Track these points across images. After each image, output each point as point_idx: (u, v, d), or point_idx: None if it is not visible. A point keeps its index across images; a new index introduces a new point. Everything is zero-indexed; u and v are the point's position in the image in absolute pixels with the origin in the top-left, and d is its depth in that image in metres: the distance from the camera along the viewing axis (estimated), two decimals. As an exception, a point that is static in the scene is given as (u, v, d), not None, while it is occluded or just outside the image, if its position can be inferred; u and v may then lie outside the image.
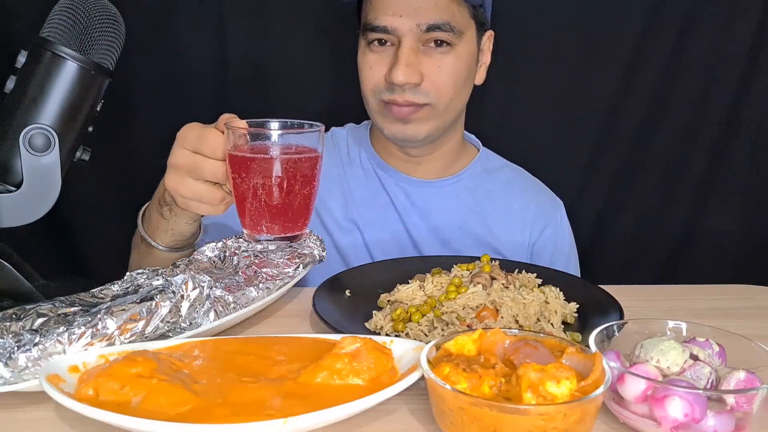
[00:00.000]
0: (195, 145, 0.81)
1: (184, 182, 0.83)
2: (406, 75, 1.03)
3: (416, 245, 1.20)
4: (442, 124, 1.12)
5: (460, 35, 1.06)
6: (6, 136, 0.81)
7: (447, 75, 1.06)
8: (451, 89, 1.08)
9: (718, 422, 0.57)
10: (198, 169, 0.81)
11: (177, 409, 0.57)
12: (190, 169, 0.82)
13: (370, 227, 1.20)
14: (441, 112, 1.09)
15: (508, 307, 0.81)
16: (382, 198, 1.21)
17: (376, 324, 0.83)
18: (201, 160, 0.81)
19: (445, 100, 1.08)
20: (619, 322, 0.70)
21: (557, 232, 1.23)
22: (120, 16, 0.86)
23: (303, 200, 0.79)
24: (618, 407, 0.62)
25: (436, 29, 1.03)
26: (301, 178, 0.77)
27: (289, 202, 0.78)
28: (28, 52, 0.81)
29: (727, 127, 1.57)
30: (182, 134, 0.84)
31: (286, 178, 0.76)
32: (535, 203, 1.23)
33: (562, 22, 1.51)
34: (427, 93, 1.06)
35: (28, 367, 0.63)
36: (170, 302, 0.71)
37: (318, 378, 0.63)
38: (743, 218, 1.61)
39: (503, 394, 0.57)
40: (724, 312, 0.92)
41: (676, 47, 1.52)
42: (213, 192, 0.83)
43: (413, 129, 1.09)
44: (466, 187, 1.22)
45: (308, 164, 0.78)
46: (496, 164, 1.28)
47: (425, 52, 1.05)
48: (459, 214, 1.20)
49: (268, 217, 0.78)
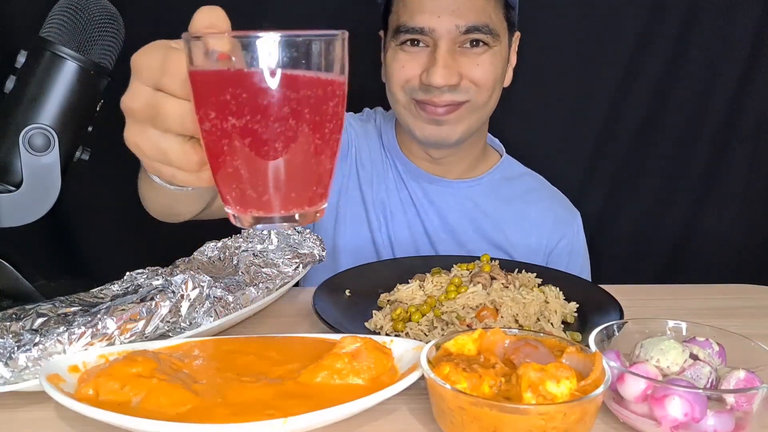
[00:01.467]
0: (156, 77, 0.54)
1: (145, 135, 0.56)
2: (445, 77, 1.02)
3: (432, 243, 1.20)
4: (475, 124, 1.11)
5: (497, 37, 1.05)
6: (6, 136, 0.81)
7: (486, 72, 1.05)
8: (491, 87, 1.07)
9: (718, 422, 0.57)
10: (159, 114, 0.54)
11: (177, 408, 0.57)
12: (150, 115, 0.55)
13: (392, 219, 1.20)
14: (478, 109, 1.08)
15: (508, 306, 0.81)
16: (402, 192, 1.21)
17: (376, 324, 0.83)
18: (164, 99, 0.54)
19: (484, 96, 1.07)
20: (619, 322, 0.69)
21: (573, 243, 1.23)
22: (119, 16, 0.86)
23: (319, 153, 0.50)
24: (618, 407, 0.62)
25: (475, 30, 1.02)
26: (316, 118, 0.48)
27: (299, 159, 0.49)
28: (27, 52, 0.82)
29: (727, 127, 1.57)
30: (139, 60, 0.56)
31: (294, 118, 0.47)
32: (553, 213, 1.22)
33: (562, 22, 1.51)
34: (467, 90, 1.05)
35: (28, 367, 0.63)
36: (170, 302, 0.71)
37: (318, 378, 0.63)
38: (743, 218, 1.61)
39: (503, 394, 0.57)
40: (724, 311, 0.92)
41: (677, 47, 1.52)
42: (185, 151, 0.55)
43: (447, 131, 1.08)
44: (484, 192, 1.21)
45: (328, 94, 0.49)
46: (517, 172, 1.27)
47: (462, 53, 1.04)
48: (475, 216, 1.20)
49: (263, 185, 0.49)
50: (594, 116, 1.59)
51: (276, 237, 0.92)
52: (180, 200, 0.82)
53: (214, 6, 0.54)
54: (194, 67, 0.48)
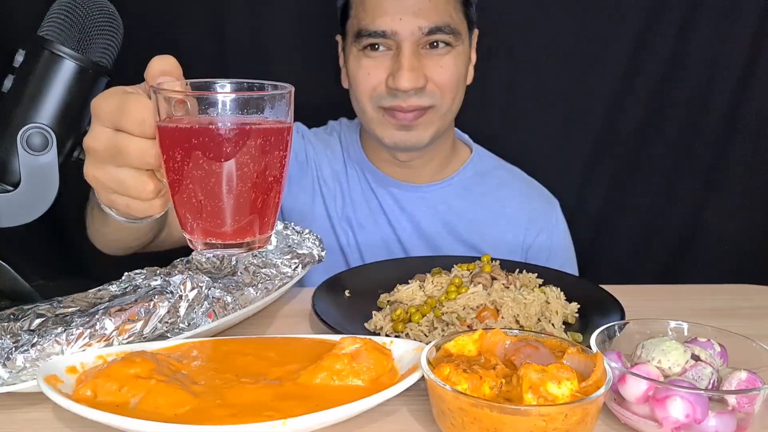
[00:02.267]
0: (115, 120, 0.60)
1: (104, 170, 0.63)
2: (412, 80, 1.02)
3: (405, 250, 1.19)
4: (442, 127, 1.11)
5: (459, 36, 1.05)
6: (4, 136, 0.81)
7: (450, 74, 1.06)
8: (454, 88, 1.08)
9: (720, 423, 0.57)
10: (121, 152, 0.60)
11: (175, 410, 0.57)
12: (111, 153, 0.61)
13: (361, 229, 1.20)
14: (444, 114, 1.09)
15: (508, 307, 0.81)
16: (372, 201, 1.20)
17: (375, 324, 0.83)
18: (124, 139, 0.60)
19: (448, 100, 1.08)
20: (620, 323, 0.69)
21: (552, 236, 1.22)
22: (118, 15, 0.85)
23: (267, 190, 0.58)
24: (619, 408, 0.61)
25: (437, 31, 1.02)
26: (265, 158, 0.57)
27: (247, 194, 0.57)
28: (26, 51, 0.81)
29: (727, 127, 1.57)
30: (97, 105, 0.62)
31: (246, 161, 0.56)
32: (528, 207, 1.21)
33: (562, 22, 1.51)
34: (432, 94, 1.05)
35: (26, 368, 0.62)
36: (168, 302, 0.71)
37: (317, 379, 0.62)
38: (744, 218, 1.61)
39: (504, 395, 0.56)
40: (725, 312, 0.91)
41: (676, 47, 1.52)
42: (142, 181, 0.61)
43: (417, 135, 1.08)
44: (456, 192, 1.20)
45: (275, 139, 0.57)
46: (489, 165, 1.26)
47: (426, 55, 1.04)
48: (448, 220, 1.19)
49: (218, 216, 0.57)
50: (594, 116, 1.58)
51: (275, 237, 0.92)
52: (130, 233, 0.85)
53: (166, 55, 0.63)
54: (160, 120, 0.57)
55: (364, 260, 1.19)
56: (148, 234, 0.90)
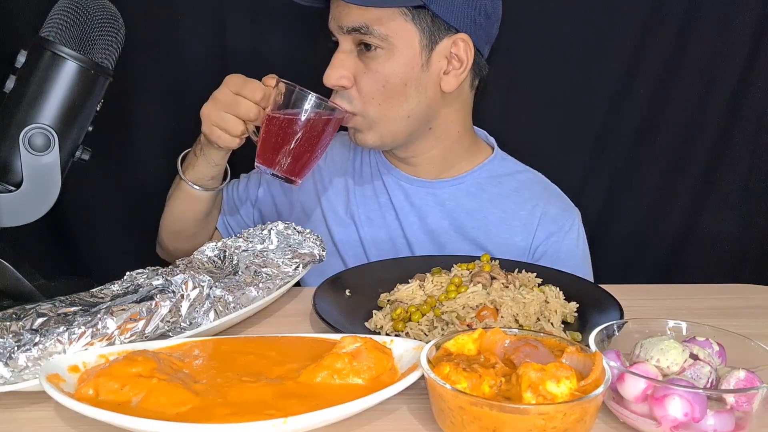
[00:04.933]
0: (238, 88, 0.98)
1: (217, 111, 0.98)
2: (332, 78, 1.02)
3: (410, 246, 1.19)
4: (387, 134, 1.07)
5: (386, 39, 1.00)
6: (6, 136, 0.81)
7: (373, 80, 1.02)
8: (378, 95, 1.03)
9: (718, 421, 0.57)
10: (235, 105, 0.97)
11: (177, 408, 0.57)
12: (228, 104, 0.98)
13: (367, 224, 1.19)
14: (374, 122, 1.05)
15: (508, 306, 0.81)
16: (382, 196, 1.20)
17: (376, 323, 0.83)
18: (240, 99, 0.97)
19: (374, 107, 1.04)
20: (619, 322, 0.70)
21: (562, 241, 1.18)
22: (120, 16, 0.86)
23: (311, 156, 0.99)
24: (618, 406, 0.62)
25: (355, 32, 1.00)
26: (317, 139, 0.98)
27: (301, 152, 0.97)
28: (27, 52, 0.82)
29: (727, 127, 1.57)
30: (229, 78, 1.00)
31: (308, 135, 0.97)
32: (540, 211, 1.17)
33: (562, 21, 1.51)
34: (351, 99, 1.03)
35: (28, 367, 0.63)
36: (170, 302, 0.71)
37: (318, 377, 0.63)
38: (743, 218, 1.61)
39: (503, 394, 0.57)
40: (724, 311, 0.92)
41: (676, 46, 1.52)
42: (237, 124, 0.98)
43: (360, 138, 1.08)
44: (468, 191, 1.19)
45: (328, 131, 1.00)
46: (509, 169, 1.22)
47: (359, 56, 1.03)
48: (456, 217, 1.18)
49: (281, 158, 0.97)
50: (593, 116, 1.58)
51: (276, 237, 0.92)
52: (195, 204, 1.15)
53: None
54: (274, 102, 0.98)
55: (367, 255, 1.19)
56: (207, 208, 1.17)
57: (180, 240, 1.22)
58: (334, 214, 1.20)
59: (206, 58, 1.50)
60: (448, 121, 1.13)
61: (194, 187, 1.11)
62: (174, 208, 1.18)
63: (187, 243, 1.21)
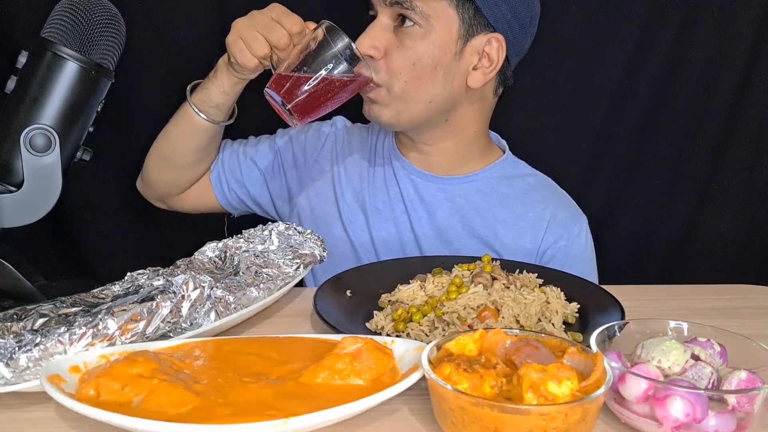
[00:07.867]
0: (279, 16, 0.98)
1: (249, 28, 0.98)
2: (364, 45, 1.01)
3: (418, 241, 1.19)
4: (404, 113, 1.08)
5: (427, 18, 1.02)
6: (7, 137, 0.81)
7: (405, 56, 1.03)
8: (406, 72, 1.04)
9: (720, 422, 0.57)
10: (270, 27, 0.97)
11: (178, 409, 0.57)
12: (264, 25, 0.98)
13: (375, 216, 1.19)
14: (395, 98, 1.06)
15: (509, 307, 0.81)
16: (393, 189, 1.20)
17: (377, 324, 0.83)
18: (277, 25, 0.97)
19: (400, 83, 1.04)
20: (620, 322, 0.69)
21: (570, 246, 1.18)
22: (120, 17, 0.86)
23: (321, 104, 0.98)
24: (619, 407, 0.62)
25: (397, 5, 1.01)
26: (336, 92, 0.98)
27: (316, 96, 0.97)
28: (28, 53, 0.82)
29: (727, 127, 1.57)
30: (274, 5, 1.00)
31: (330, 84, 0.96)
32: (551, 214, 1.18)
33: (562, 22, 1.51)
34: (378, 71, 1.04)
35: (29, 368, 0.63)
36: (171, 302, 0.71)
37: (319, 378, 0.63)
38: (744, 217, 1.61)
39: (504, 394, 0.57)
40: (725, 312, 0.92)
41: (677, 46, 1.52)
42: (263, 46, 0.97)
43: (375, 111, 1.08)
44: (479, 189, 1.19)
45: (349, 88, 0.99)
46: (520, 171, 1.24)
47: (394, 31, 1.04)
48: (465, 215, 1.18)
49: (296, 91, 0.96)
50: (594, 116, 1.58)
51: (277, 238, 0.92)
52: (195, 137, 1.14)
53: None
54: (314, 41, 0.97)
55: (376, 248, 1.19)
56: (202, 142, 1.16)
57: (166, 168, 1.20)
58: (344, 202, 1.20)
59: (208, 60, 1.50)
60: (465, 117, 1.14)
61: (198, 114, 1.09)
62: (170, 132, 1.16)
63: (171, 174, 1.20)
